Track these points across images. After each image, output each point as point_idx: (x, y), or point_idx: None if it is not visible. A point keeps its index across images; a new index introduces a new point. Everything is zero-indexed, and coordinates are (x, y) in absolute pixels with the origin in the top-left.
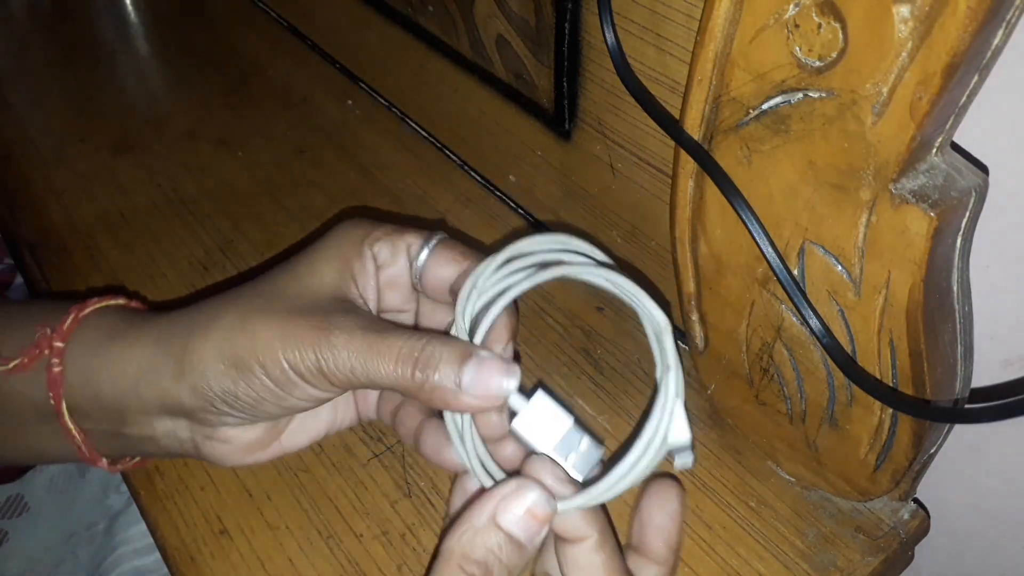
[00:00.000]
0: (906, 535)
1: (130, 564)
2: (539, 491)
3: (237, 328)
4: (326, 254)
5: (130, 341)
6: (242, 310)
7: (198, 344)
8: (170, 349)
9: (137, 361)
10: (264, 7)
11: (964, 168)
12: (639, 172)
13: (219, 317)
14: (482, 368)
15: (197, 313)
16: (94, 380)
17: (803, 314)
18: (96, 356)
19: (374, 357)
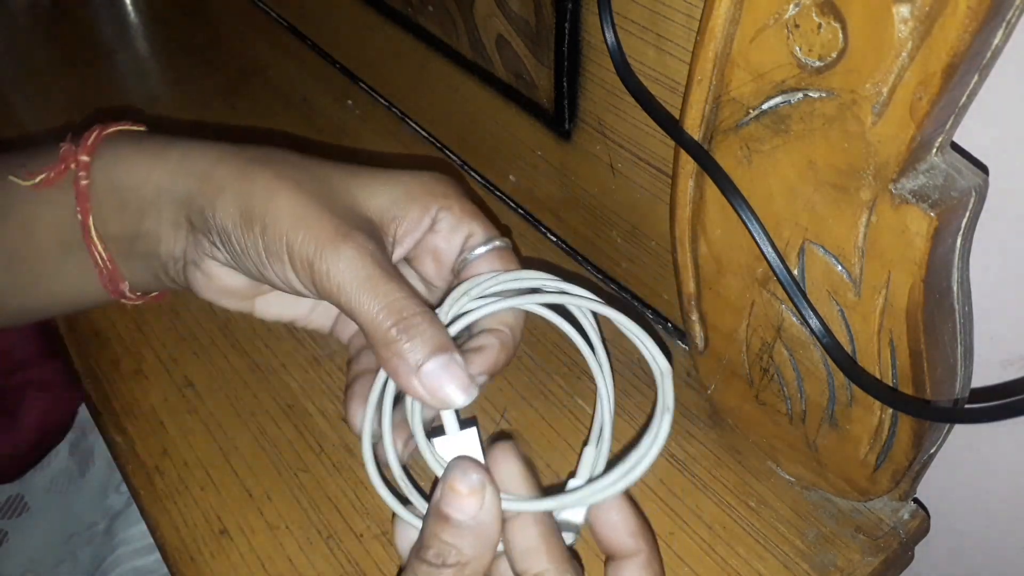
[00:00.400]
0: (906, 535)
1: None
2: (458, 466)
3: (263, 184)
4: (393, 182)
5: (157, 152)
6: (278, 171)
7: (222, 176)
8: (195, 168)
9: (161, 171)
10: (264, 7)
11: (964, 168)
12: (639, 172)
13: (253, 166)
14: (447, 369)
15: (236, 149)
16: (119, 188)
17: (803, 314)
18: (122, 166)
19: (367, 290)
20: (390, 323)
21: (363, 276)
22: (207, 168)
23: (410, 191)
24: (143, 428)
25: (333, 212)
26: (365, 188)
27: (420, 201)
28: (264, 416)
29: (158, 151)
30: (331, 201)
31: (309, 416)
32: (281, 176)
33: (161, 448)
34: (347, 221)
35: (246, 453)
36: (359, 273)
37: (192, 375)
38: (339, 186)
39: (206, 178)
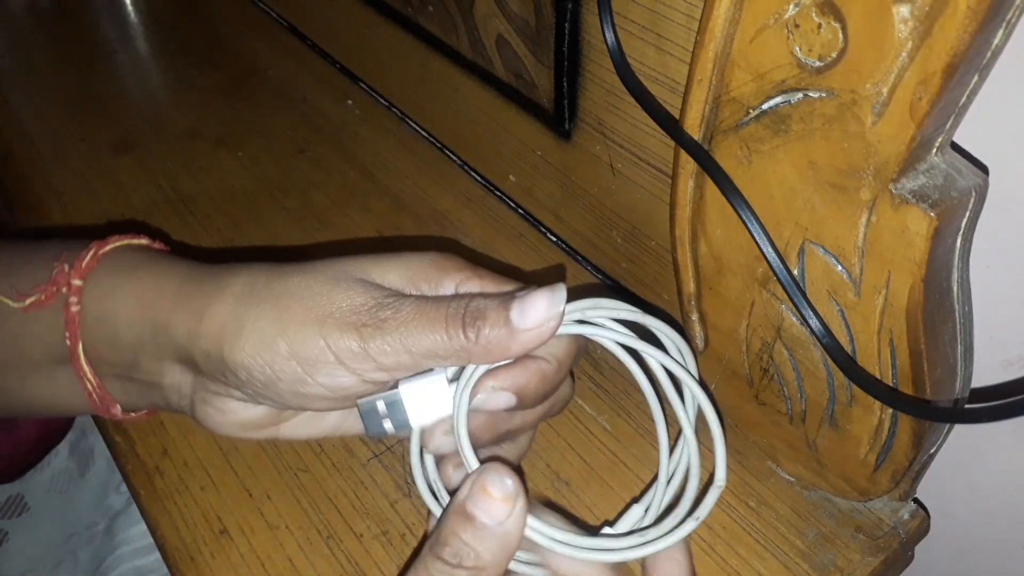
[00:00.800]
0: (906, 535)
1: (130, 564)
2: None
3: (271, 309)
4: (402, 259)
5: (151, 285)
6: (281, 286)
7: (218, 307)
8: (191, 304)
9: (156, 308)
10: (264, 7)
11: (964, 168)
12: (639, 172)
13: (255, 293)
14: (526, 303)
15: (229, 273)
16: (112, 321)
17: (803, 314)
18: (116, 296)
19: (424, 324)
20: (462, 330)
21: (411, 320)
22: (206, 305)
23: (421, 269)
24: (143, 428)
25: (352, 295)
26: (375, 267)
27: (435, 279)
28: None
29: (154, 282)
30: (345, 289)
31: None
32: (285, 292)
33: (161, 448)
34: (369, 294)
35: (246, 453)
36: (408, 321)
37: None
38: (346, 272)
39: (207, 316)
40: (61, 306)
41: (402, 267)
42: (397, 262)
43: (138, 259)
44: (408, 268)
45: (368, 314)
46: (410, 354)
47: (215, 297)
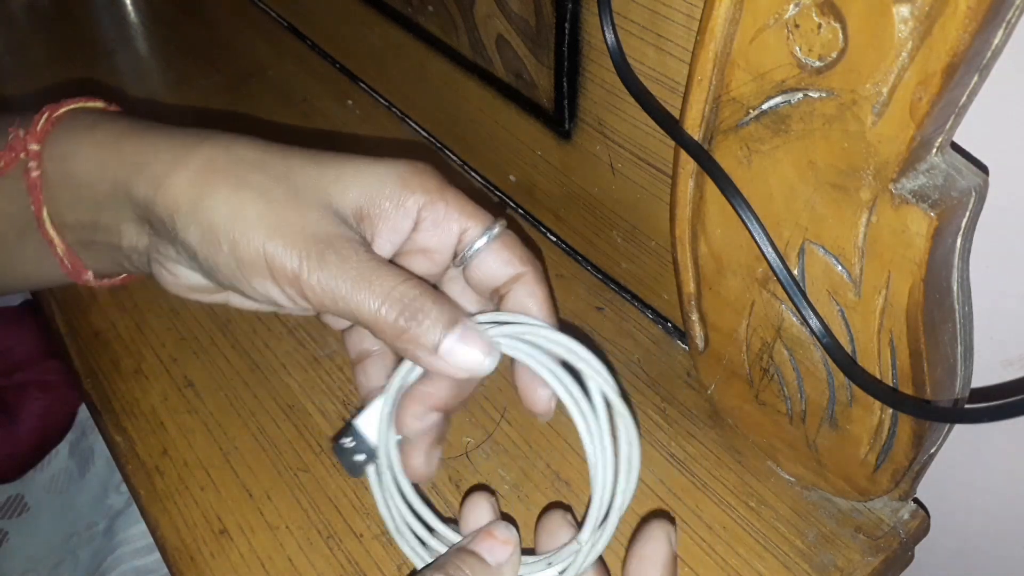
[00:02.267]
0: (906, 535)
1: (130, 564)
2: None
3: (224, 197)
4: (365, 175)
5: (110, 146)
6: (240, 177)
7: (181, 187)
8: (152, 172)
9: (115, 169)
10: (264, 7)
11: (964, 168)
12: (639, 172)
13: (213, 174)
14: (464, 339)
15: (193, 143)
16: (72, 183)
17: (803, 314)
18: (75, 158)
19: (363, 288)
20: (395, 314)
21: (354, 277)
22: (164, 174)
23: (384, 186)
24: (143, 428)
25: (307, 218)
26: (336, 183)
27: (396, 198)
28: (264, 416)
29: (112, 142)
30: (302, 205)
31: (309, 416)
32: (244, 184)
33: (161, 448)
34: (323, 223)
35: (246, 453)
36: (349, 275)
37: (192, 375)
38: (307, 184)
39: (164, 187)
40: (21, 173)
41: (365, 183)
42: (361, 176)
43: (94, 120)
44: (371, 185)
45: (315, 246)
46: (336, 304)
47: (173, 167)
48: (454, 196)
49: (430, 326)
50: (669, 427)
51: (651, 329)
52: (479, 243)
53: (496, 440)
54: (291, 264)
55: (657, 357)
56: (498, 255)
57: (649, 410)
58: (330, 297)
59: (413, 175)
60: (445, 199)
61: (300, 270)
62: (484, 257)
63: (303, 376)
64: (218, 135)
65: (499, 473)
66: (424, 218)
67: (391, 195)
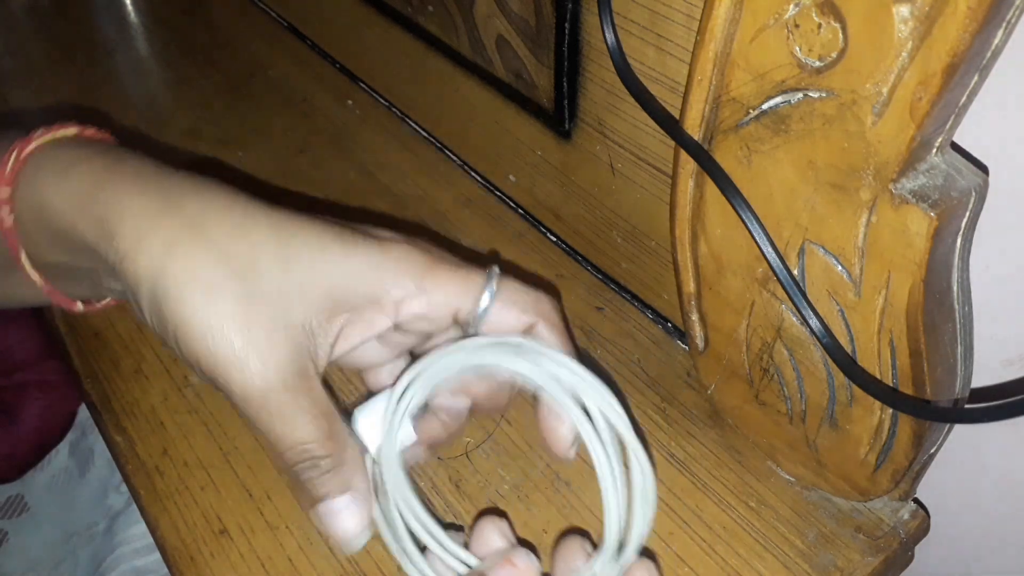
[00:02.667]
0: (906, 535)
1: (130, 564)
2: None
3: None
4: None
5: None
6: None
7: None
8: (117, 244)
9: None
10: (264, 7)
11: (964, 168)
12: (639, 172)
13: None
14: (336, 515)
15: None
16: (47, 228)
17: (803, 314)
18: (48, 204)
19: (281, 427)
20: (299, 458)
21: (287, 405)
22: (128, 248)
23: (358, 284)
24: (143, 428)
25: (252, 330)
26: (303, 285)
27: (371, 297)
28: None
29: (86, 193)
30: (254, 323)
31: None
32: (198, 285)
33: (161, 448)
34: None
35: (246, 453)
36: (283, 401)
37: (192, 375)
38: (270, 290)
39: (127, 260)
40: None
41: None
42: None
43: (67, 162)
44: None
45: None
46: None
47: (137, 242)
48: (435, 283)
49: (319, 485)
50: (669, 427)
51: (651, 329)
52: (480, 312)
53: (496, 440)
54: (217, 377)
55: (657, 357)
56: (504, 315)
57: (649, 410)
58: (252, 414)
59: (390, 268)
60: (425, 289)
61: (226, 386)
62: (491, 320)
63: None
64: (191, 198)
65: (499, 473)
66: (407, 313)
67: (364, 294)
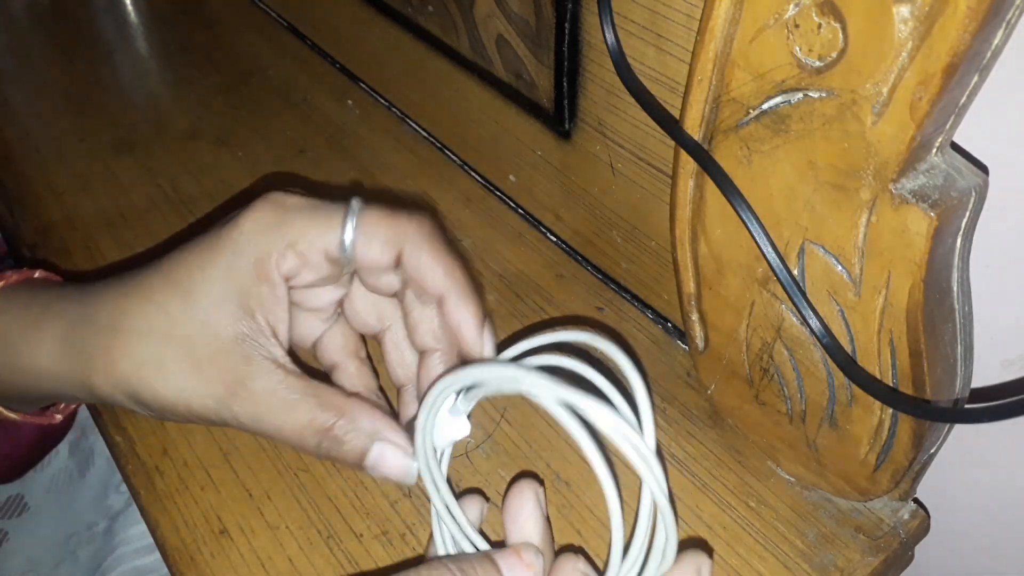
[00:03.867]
0: (906, 535)
1: (130, 564)
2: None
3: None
4: (221, 288)
5: (33, 351)
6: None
7: (101, 374)
8: (76, 366)
9: (48, 362)
10: (264, 7)
11: (964, 168)
12: (639, 172)
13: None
14: (384, 457)
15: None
16: (9, 375)
17: (803, 314)
18: (6, 355)
19: (282, 418)
20: (315, 442)
21: (271, 408)
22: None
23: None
24: (143, 428)
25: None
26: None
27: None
28: None
29: (34, 331)
30: (197, 350)
31: None
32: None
33: (161, 448)
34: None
35: (246, 453)
36: (266, 408)
37: None
38: (191, 324)
39: (92, 374)
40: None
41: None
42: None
43: (20, 308)
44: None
45: (226, 389)
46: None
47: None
48: (293, 226)
49: (349, 449)
50: (669, 427)
51: (651, 329)
52: (347, 249)
53: (496, 440)
54: (213, 416)
55: (657, 357)
56: (368, 250)
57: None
58: (256, 425)
59: (246, 246)
60: (290, 244)
61: (225, 418)
62: (361, 251)
63: None
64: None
65: (499, 473)
66: (287, 271)
67: (248, 286)
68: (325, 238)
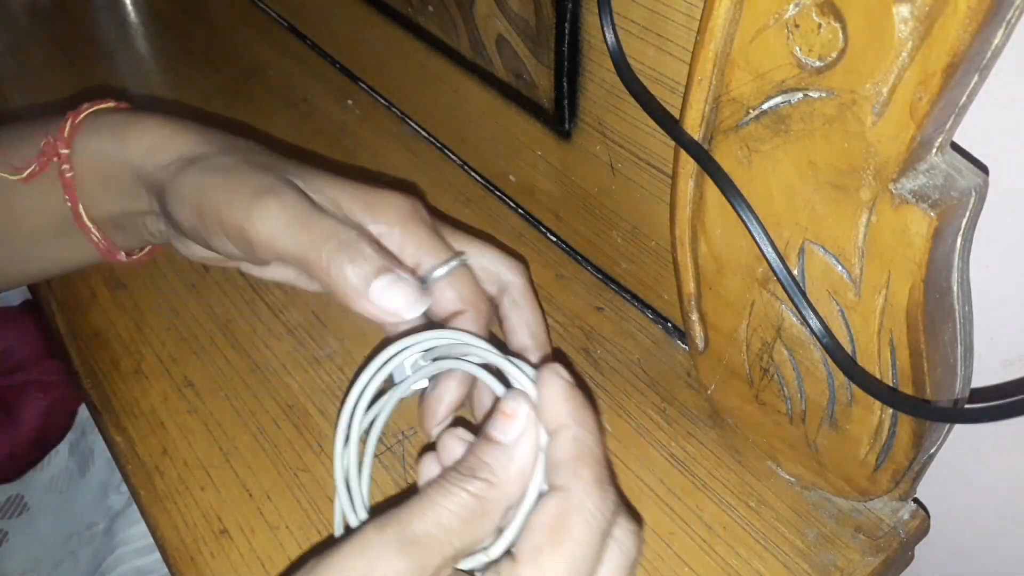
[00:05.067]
0: (906, 535)
1: (130, 564)
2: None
3: (193, 174)
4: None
5: (130, 139)
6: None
7: (173, 182)
8: (162, 160)
9: (135, 157)
10: (264, 7)
11: (964, 168)
12: (639, 172)
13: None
14: (395, 285)
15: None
16: (100, 179)
17: (803, 314)
18: (100, 157)
19: (302, 230)
20: (329, 247)
21: (291, 216)
22: (172, 170)
23: (353, 199)
24: (143, 428)
25: (254, 176)
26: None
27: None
28: (264, 416)
29: (133, 137)
30: (257, 171)
31: (309, 416)
32: (209, 167)
33: (161, 448)
34: (269, 179)
35: (246, 453)
36: (287, 215)
37: (192, 375)
38: (270, 163)
39: (170, 177)
40: (55, 175)
41: (336, 190)
42: (333, 185)
43: (111, 122)
44: (339, 194)
45: (256, 195)
46: (278, 248)
47: (182, 167)
48: (416, 229)
49: (361, 268)
50: (669, 427)
51: (651, 329)
52: (435, 274)
53: None
54: (236, 217)
55: (657, 357)
56: (448, 290)
57: (649, 410)
58: (271, 239)
59: (382, 202)
60: (406, 228)
61: (243, 221)
62: (437, 290)
63: (303, 376)
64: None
65: None
66: (379, 233)
67: (351, 209)
68: (425, 259)
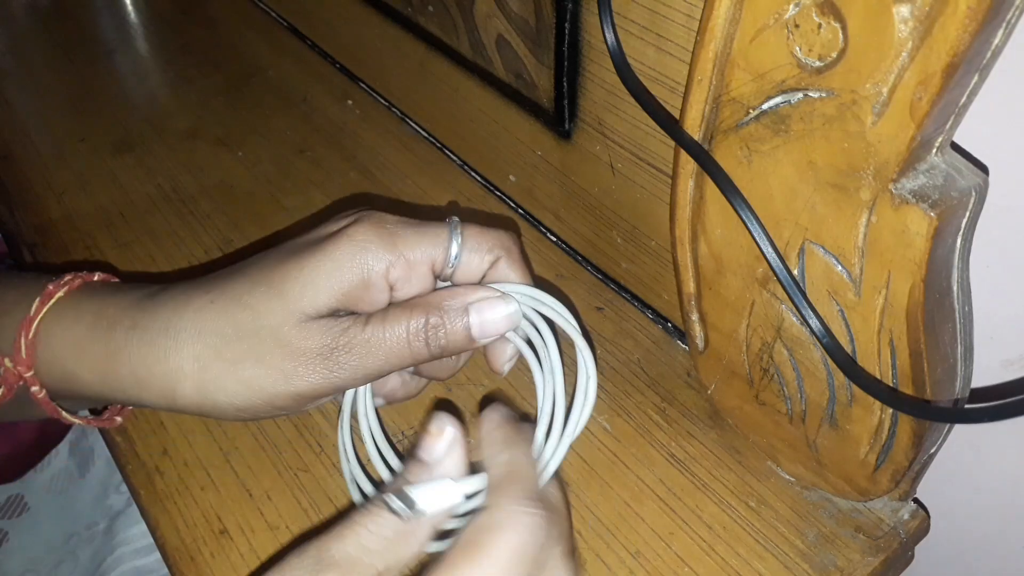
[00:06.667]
0: (906, 535)
1: (130, 564)
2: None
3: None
4: (323, 291)
5: (99, 352)
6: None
7: (185, 396)
8: (150, 376)
9: (106, 372)
10: (264, 7)
11: (964, 168)
12: (639, 172)
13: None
14: (484, 318)
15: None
16: (74, 388)
17: (803, 314)
18: (68, 372)
19: (388, 349)
20: (424, 347)
21: (372, 342)
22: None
23: (343, 282)
24: (143, 428)
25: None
26: (301, 299)
27: (361, 285)
28: None
29: (100, 349)
30: (288, 340)
31: (309, 416)
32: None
33: (161, 448)
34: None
35: (246, 453)
36: (367, 345)
37: None
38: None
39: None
40: (25, 391)
41: (326, 286)
42: (317, 282)
43: (71, 323)
44: (333, 285)
45: (321, 362)
46: (371, 374)
47: (174, 378)
48: (406, 241)
49: (455, 331)
50: (669, 427)
51: (651, 329)
52: (452, 262)
53: None
54: (323, 388)
55: (657, 357)
56: (472, 257)
57: (649, 410)
58: (367, 375)
59: (358, 255)
60: (402, 255)
61: (320, 387)
62: (462, 265)
63: None
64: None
65: None
66: (395, 279)
67: (356, 288)
68: (433, 251)
